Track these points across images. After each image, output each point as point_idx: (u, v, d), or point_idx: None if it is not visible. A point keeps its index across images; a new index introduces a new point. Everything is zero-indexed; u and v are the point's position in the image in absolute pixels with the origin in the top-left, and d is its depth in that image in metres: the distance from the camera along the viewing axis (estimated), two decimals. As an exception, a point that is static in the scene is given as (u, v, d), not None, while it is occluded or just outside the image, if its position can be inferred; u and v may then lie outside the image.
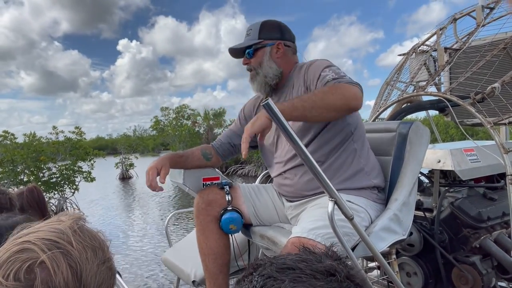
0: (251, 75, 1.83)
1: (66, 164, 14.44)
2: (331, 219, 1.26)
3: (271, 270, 0.56)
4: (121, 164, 26.81)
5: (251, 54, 1.80)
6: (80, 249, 0.66)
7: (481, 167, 2.35)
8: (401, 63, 3.37)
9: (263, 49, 1.79)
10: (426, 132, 1.80)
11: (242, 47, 1.81)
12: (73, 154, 14.70)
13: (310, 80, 1.65)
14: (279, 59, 1.79)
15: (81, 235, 0.69)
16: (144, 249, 8.93)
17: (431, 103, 2.62)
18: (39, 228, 0.68)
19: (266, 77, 1.78)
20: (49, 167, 13.91)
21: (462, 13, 3.15)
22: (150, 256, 8.31)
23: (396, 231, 1.61)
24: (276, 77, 1.79)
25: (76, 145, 15.13)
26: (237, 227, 1.81)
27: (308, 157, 1.19)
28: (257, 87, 1.83)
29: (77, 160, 14.65)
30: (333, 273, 0.55)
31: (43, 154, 13.33)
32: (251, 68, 1.82)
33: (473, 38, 2.84)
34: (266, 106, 1.11)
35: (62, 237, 0.66)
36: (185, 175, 1.95)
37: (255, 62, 1.80)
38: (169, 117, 29.83)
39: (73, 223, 0.70)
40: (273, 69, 1.78)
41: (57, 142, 14.96)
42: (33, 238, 0.64)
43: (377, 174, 1.73)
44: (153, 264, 7.75)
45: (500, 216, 2.34)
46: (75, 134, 15.53)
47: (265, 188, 1.97)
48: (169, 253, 2.61)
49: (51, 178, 13.67)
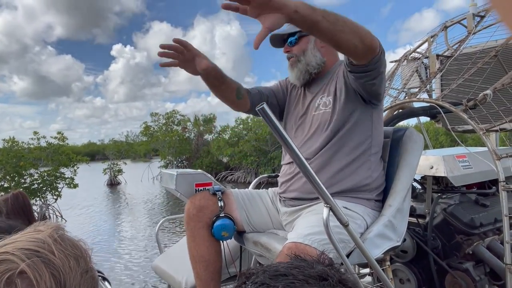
0: (292, 61, 1.77)
1: (48, 170, 14.24)
2: (326, 225, 1.24)
3: (264, 277, 0.57)
4: (110, 170, 26.58)
5: (294, 42, 1.74)
6: (62, 257, 0.63)
7: (473, 174, 2.36)
8: (392, 70, 3.39)
9: (308, 37, 1.73)
10: (419, 138, 1.79)
11: (285, 33, 1.75)
12: (55, 160, 14.48)
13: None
14: (323, 48, 1.73)
15: (62, 243, 0.65)
16: (134, 256, 8.82)
17: (423, 109, 2.63)
18: (17, 239, 0.64)
19: (308, 65, 1.73)
20: (31, 173, 13.70)
21: (453, 21, 3.18)
22: (140, 264, 8.21)
23: (391, 238, 1.60)
24: (319, 66, 1.74)
25: (58, 151, 14.93)
26: (229, 234, 1.78)
27: (303, 162, 1.17)
28: (296, 74, 1.76)
29: (59, 166, 14.46)
30: (325, 277, 0.56)
31: (23, 159, 13.09)
32: (292, 55, 1.76)
33: (464, 46, 2.87)
34: (261, 111, 1.10)
35: (42, 246, 0.62)
36: (177, 180, 1.91)
37: (298, 49, 1.74)
38: (159, 122, 29.73)
39: (52, 232, 0.67)
40: (317, 58, 1.73)
41: (39, 148, 14.75)
42: (11, 248, 0.60)
43: (380, 184, 1.71)
44: (143, 271, 7.65)
45: (493, 223, 2.35)
46: (57, 139, 15.33)
47: (258, 194, 1.94)
48: (159, 260, 2.56)
49: (33, 184, 13.46)
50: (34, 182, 13.54)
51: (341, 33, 1.25)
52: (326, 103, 1.69)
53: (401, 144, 1.77)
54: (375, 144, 1.69)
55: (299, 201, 1.70)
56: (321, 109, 1.70)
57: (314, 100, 1.76)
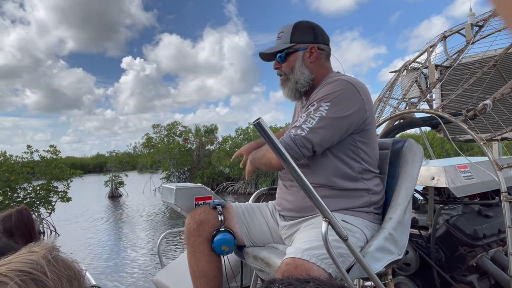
0: (282, 80, 1.75)
1: (42, 184, 14.25)
2: (325, 240, 1.22)
3: None
4: (111, 182, 26.57)
5: (282, 58, 1.72)
6: (55, 279, 0.63)
7: (475, 184, 2.33)
8: (392, 80, 3.39)
9: (296, 54, 1.70)
10: (419, 149, 1.78)
11: (274, 52, 1.73)
12: (48, 173, 14.47)
13: (310, 101, 1.61)
14: (312, 64, 1.70)
15: (56, 265, 0.65)
16: (135, 270, 8.75)
17: (423, 120, 2.62)
18: (11, 260, 0.64)
19: (297, 83, 1.70)
20: (24, 187, 13.71)
21: (451, 31, 3.19)
22: (142, 278, 8.13)
23: (392, 251, 1.57)
24: (307, 84, 1.71)
25: (51, 164, 14.92)
26: (230, 248, 1.76)
27: (300, 176, 1.16)
28: (287, 92, 1.74)
29: (52, 180, 14.44)
30: None
31: (14, 174, 13.08)
32: (281, 73, 1.74)
33: (463, 56, 2.87)
34: (257, 126, 1.09)
35: (35, 267, 0.62)
36: (176, 195, 1.90)
37: (287, 67, 1.72)
38: (160, 134, 29.77)
39: (46, 253, 0.67)
40: (305, 75, 1.69)
41: (32, 162, 14.75)
42: (5, 270, 0.60)
43: (380, 196, 1.69)
44: (145, 285, 7.58)
45: (496, 234, 2.32)
46: (50, 153, 15.36)
47: (258, 208, 1.93)
48: (161, 274, 2.54)
49: (25, 199, 13.45)
50: (27, 197, 13.55)
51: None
52: None
53: (401, 156, 1.75)
54: (367, 169, 1.64)
55: (297, 214, 1.68)
56: None
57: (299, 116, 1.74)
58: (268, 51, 1.73)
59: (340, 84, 1.56)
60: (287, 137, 1.49)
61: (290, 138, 1.47)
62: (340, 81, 1.57)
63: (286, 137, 1.49)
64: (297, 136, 1.47)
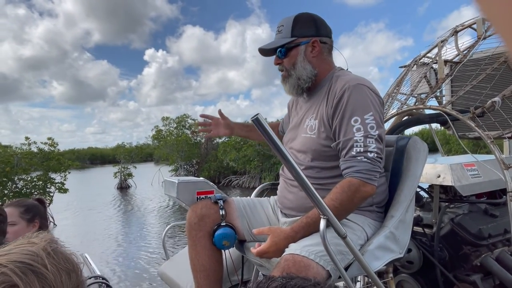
0: (283, 76, 1.68)
1: (39, 174, 14.47)
2: (323, 237, 1.21)
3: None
4: (120, 173, 26.86)
5: (283, 53, 1.64)
6: (54, 272, 0.64)
7: (482, 183, 2.29)
8: (402, 75, 3.34)
9: (297, 48, 1.63)
10: (424, 147, 1.74)
11: (275, 46, 1.65)
12: (45, 165, 14.69)
13: (336, 121, 1.51)
14: (314, 58, 1.63)
15: (55, 257, 0.66)
16: (140, 262, 8.84)
17: (430, 117, 2.58)
18: (10, 250, 0.65)
19: (299, 79, 1.64)
20: (22, 178, 13.93)
21: (463, 26, 3.12)
22: (147, 270, 8.21)
23: (392, 250, 1.55)
24: (310, 79, 1.64)
25: (48, 156, 15.12)
26: (231, 243, 1.76)
27: (299, 172, 1.15)
28: (289, 89, 1.68)
29: (48, 171, 14.68)
30: None
31: (8, 165, 13.30)
32: (283, 68, 1.67)
33: (473, 51, 2.81)
34: (255, 122, 1.07)
35: (36, 259, 0.63)
36: (178, 189, 1.90)
37: (288, 62, 1.65)
38: (169, 127, 29.91)
39: (46, 245, 0.68)
40: (307, 71, 1.63)
41: (30, 153, 14.98)
42: (5, 260, 0.61)
43: (383, 194, 1.66)
44: (149, 277, 7.66)
45: (502, 233, 2.28)
46: (48, 145, 15.59)
47: (260, 203, 1.92)
48: (165, 266, 2.55)
49: (22, 189, 13.68)
50: (24, 187, 13.78)
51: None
52: (313, 127, 1.62)
53: (405, 153, 1.72)
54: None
55: (298, 213, 1.66)
56: (307, 133, 1.63)
57: (305, 118, 1.69)
58: (268, 47, 1.67)
59: (363, 90, 1.51)
60: (364, 164, 1.42)
61: (371, 163, 1.43)
62: (360, 87, 1.51)
63: (364, 165, 1.42)
64: (374, 160, 1.44)
